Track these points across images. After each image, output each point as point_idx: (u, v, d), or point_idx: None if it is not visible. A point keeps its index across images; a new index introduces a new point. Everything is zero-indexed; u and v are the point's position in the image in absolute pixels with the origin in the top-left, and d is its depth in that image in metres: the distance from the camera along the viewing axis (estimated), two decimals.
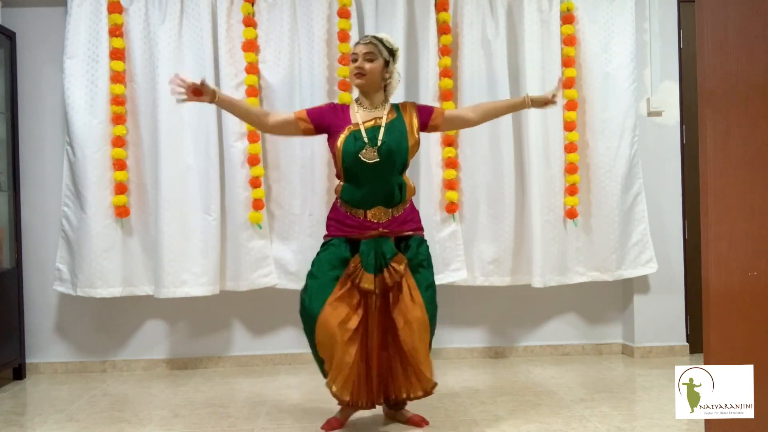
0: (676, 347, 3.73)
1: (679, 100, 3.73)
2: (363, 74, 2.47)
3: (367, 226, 2.47)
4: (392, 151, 2.45)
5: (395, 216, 2.50)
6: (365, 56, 2.47)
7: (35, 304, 3.63)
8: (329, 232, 2.55)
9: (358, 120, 2.49)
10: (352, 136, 2.45)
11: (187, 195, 3.45)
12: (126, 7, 3.48)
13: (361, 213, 2.48)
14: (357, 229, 2.47)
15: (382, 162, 2.43)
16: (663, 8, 3.71)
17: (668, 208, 3.73)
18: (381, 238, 2.46)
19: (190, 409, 2.90)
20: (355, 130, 2.46)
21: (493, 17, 3.58)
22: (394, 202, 2.50)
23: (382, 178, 2.46)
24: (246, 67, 3.47)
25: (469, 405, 2.85)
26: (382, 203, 2.48)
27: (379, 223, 2.47)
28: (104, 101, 3.44)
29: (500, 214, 3.57)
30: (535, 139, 3.53)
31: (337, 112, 2.55)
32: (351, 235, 2.48)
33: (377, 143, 2.44)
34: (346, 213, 2.50)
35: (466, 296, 3.74)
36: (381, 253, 2.45)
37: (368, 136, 2.45)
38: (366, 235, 2.46)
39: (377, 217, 2.47)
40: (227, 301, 3.65)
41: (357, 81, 2.49)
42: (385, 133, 2.46)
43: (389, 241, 2.48)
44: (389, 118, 2.51)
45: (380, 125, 2.47)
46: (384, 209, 2.48)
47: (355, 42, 2.59)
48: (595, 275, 3.64)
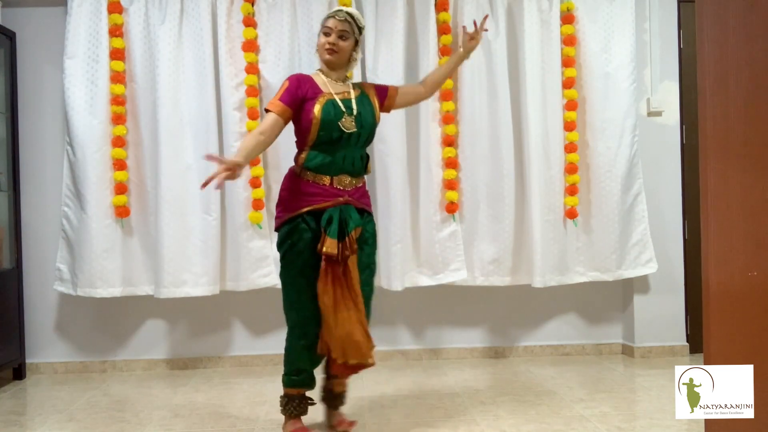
0: (676, 347, 3.73)
1: (679, 100, 3.73)
2: (335, 51, 2.44)
3: (332, 193, 2.39)
4: (367, 122, 2.44)
5: (357, 186, 2.46)
6: (339, 33, 2.43)
7: (35, 304, 3.63)
8: (287, 204, 2.42)
9: (330, 90, 2.43)
10: (330, 104, 2.38)
11: (187, 195, 3.46)
12: (126, 7, 3.48)
13: (327, 179, 2.40)
14: (320, 196, 2.38)
15: (357, 131, 2.41)
16: (663, 8, 3.71)
17: (668, 208, 3.73)
18: (345, 206, 2.40)
19: (190, 409, 2.90)
20: (331, 98, 2.40)
21: (493, 17, 3.58)
22: (357, 172, 2.46)
23: (353, 148, 2.42)
24: (246, 67, 3.47)
25: (469, 405, 2.85)
26: (347, 171, 2.42)
27: (344, 190, 2.42)
28: (104, 101, 3.44)
29: (500, 214, 3.57)
30: (535, 139, 3.53)
31: (303, 82, 2.45)
32: (316, 204, 2.38)
33: (353, 113, 2.41)
34: (308, 181, 2.40)
35: (466, 296, 3.74)
36: (345, 219, 2.36)
37: (344, 105, 2.41)
38: (330, 202, 2.38)
39: (342, 183, 2.42)
40: (227, 301, 3.65)
41: (327, 57, 2.45)
42: (357, 105, 2.44)
43: (354, 210, 2.42)
44: (356, 93, 2.49)
45: (350, 98, 2.45)
46: (348, 177, 2.43)
47: (328, 14, 2.47)
48: (595, 275, 3.64)
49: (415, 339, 3.78)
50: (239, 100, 3.47)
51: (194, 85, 3.47)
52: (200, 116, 3.46)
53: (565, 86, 3.59)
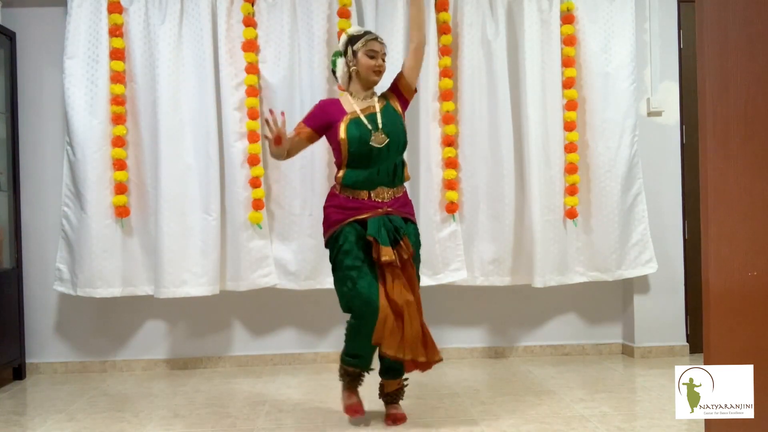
0: (676, 347, 3.73)
1: (679, 100, 3.73)
2: (382, 72, 2.59)
3: (372, 206, 2.51)
4: (394, 132, 2.54)
5: (396, 197, 2.58)
6: (382, 56, 2.59)
7: (35, 304, 3.63)
8: (331, 218, 2.54)
9: (356, 108, 2.56)
10: (353, 123, 2.51)
11: (187, 195, 3.45)
12: (126, 7, 3.48)
13: (365, 194, 2.52)
14: (361, 210, 2.50)
15: (390, 143, 2.51)
16: (663, 8, 3.71)
17: (668, 208, 3.73)
18: (388, 216, 2.50)
19: (190, 409, 2.90)
20: (354, 117, 2.53)
21: (493, 17, 3.58)
22: (395, 182, 2.57)
23: (388, 158, 2.53)
24: (246, 67, 3.47)
25: (469, 405, 2.85)
26: (384, 183, 2.53)
27: (383, 202, 2.53)
28: (104, 101, 3.44)
29: (500, 214, 3.57)
30: (535, 139, 3.53)
31: (328, 106, 2.62)
32: (356, 216, 2.50)
33: (379, 127, 2.51)
34: (348, 197, 2.52)
35: (466, 296, 3.74)
36: (393, 227, 2.48)
37: (369, 121, 2.52)
38: (371, 213, 2.49)
39: (380, 196, 2.53)
40: (227, 301, 3.65)
41: (376, 78, 2.58)
42: (382, 117, 2.54)
43: (398, 218, 2.52)
44: (381, 105, 2.59)
45: (375, 111, 2.56)
46: (386, 189, 2.54)
47: (367, 36, 2.57)
48: (595, 275, 3.64)
49: None
50: (239, 100, 3.47)
51: (194, 85, 3.47)
52: (200, 116, 3.46)
53: (565, 86, 3.59)
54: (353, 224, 2.50)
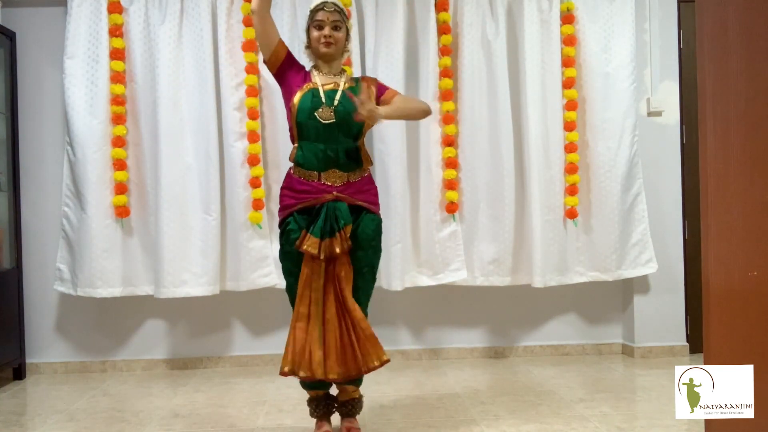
0: (676, 347, 3.73)
1: (679, 100, 3.73)
2: (332, 43, 2.40)
3: (321, 189, 2.35)
4: (348, 113, 2.35)
5: (351, 181, 2.39)
6: (332, 24, 2.40)
7: (35, 304, 3.63)
8: (282, 202, 2.43)
9: (318, 81, 2.42)
10: (309, 93, 2.38)
11: (187, 195, 3.46)
12: (126, 7, 3.48)
13: (315, 175, 2.36)
14: (311, 194, 2.35)
15: (337, 123, 2.35)
16: (663, 8, 3.71)
17: (668, 208, 3.73)
18: (335, 202, 2.36)
19: (190, 409, 2.90)
20: (314, 88, 2.39)
21: (493, 17, 3.58)
22: (350, 167, 2.39)
23: (337, 140, 2.36)
24: (246, 67, 3.47)
25: (469, 405, 2.85)
26: (337, 166, 2.37)
27: (333, 186, 2.36)
28: (104, 101, 3.44)
29: (500, 214, 3.57)
30: (535, 139, 3.53)
31: (301, 70, 2.48)
32: (305, 201, 2.35)
33: (333, 103, 2.36)
34: (299, 178, 2.39)
35: (466, 296, 3.74)
36: (333, 215, 2.32)
37: (326, 96, 2.38)
38: (320, 199, 2.35)
39: (332, 179, 2.37)
40: (227, 301, 3.65)
41: (325, 50, 2.42)
42: (342, 96, 2.38)
43: (344, 205, 2.36)
44: (347, 85, 2.43)
45: (337, 89, 2.41)
46: (339, 172, 2.37)
47: (314, 7, 2.43)
48: (595, 275, 3.64)
49: (415, 339, 3.78)
50: (239, 100, 3.47)
51: (194, 85, 3.47)
52: (200, 116, 3.46)
53: (565, 86, 3.59)
54: (300, 218, 2.36)
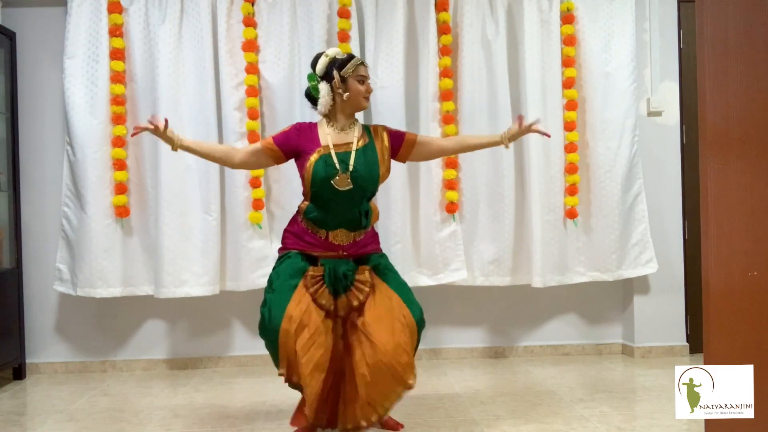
0: (676, 347, 3.73)
1: (679, 100, 3.73)
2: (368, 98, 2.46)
3: (328, 247, 2.40)
4: (364, 178, 2.36)
5: (357, 240, 2.42)
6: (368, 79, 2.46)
7: (35, 304, 3.63)
8: (285, 245, 2.46)
9: (329, 142, 2.38)
10: (322, 160, 2.34)
11: (187, 195, 3.45)
12: (126, 7, 3.48)
13: (323, 233, 2.39)
14: (317, 247, 2.40)
15: (353, 189, 2.35)
16: (663, 8, 3.71)
17: (668, 208, 3.73)
18: (340, 260, 2.40)
19: (190, 409, 2.90)
20: (326, 153, 2.35)
21: (493, 17, 3.58)
22: (359, 227, 2.41)
23: (351, 204, 2.37)
24: (246, 67, 3.46)
25: (469, 405, 2.85)
26: (345, 226, 2.39)
27: (340, 245, 2.40)
28: (104, 101, 3.44)
29: (500, 214, 3.57)
30: (535, 139, 3.52)
31: (303, 132, 2.44)
32: (310, 251, 2.41)
33: (348, 169, 2.34)
34: (307, 230, 2.42)
35: (466, 296, 3.74)
36: (342, 275, 2.36)
37: (339, 161, 2.34)
38: (325, 255, 2.40)
39: (339, 239, 2.40)
40: (227, 301, 3.65)
41: (366, 104, 2.44)
42: (356, 160, 2.36)
43: (349, 262, 2.40)
44: (360, 144, 2.40)
45: (351, 150, 2.37)
46: (347, 232, 2.40)
47: (355, 60, 2.43)
48: (596, 275, 3.63)
49: None
50: (239, 100, 3.47)
51: (194, 85, 3.47)
52: (200, 116, 3.46)
53: (565, 86, 3.59)
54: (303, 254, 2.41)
